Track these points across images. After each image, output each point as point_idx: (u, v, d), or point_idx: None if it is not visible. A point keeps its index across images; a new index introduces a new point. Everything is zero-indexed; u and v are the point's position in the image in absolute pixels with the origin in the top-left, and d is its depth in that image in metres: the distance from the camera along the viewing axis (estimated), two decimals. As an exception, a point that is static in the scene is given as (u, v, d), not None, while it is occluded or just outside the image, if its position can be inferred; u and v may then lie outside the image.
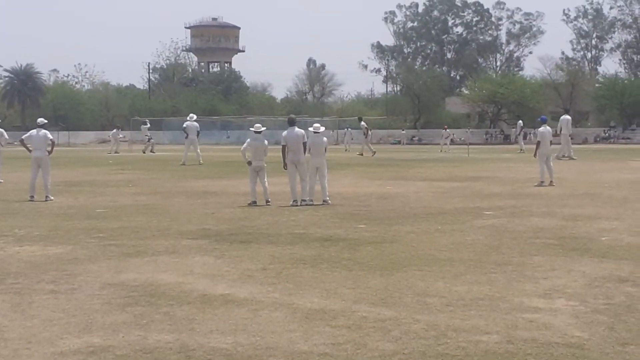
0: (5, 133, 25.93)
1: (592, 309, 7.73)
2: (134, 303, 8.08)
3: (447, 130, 57.31)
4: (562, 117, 36.90)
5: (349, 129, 62.35)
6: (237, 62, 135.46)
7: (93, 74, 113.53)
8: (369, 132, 46.69)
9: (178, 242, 12.21)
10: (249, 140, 18.08)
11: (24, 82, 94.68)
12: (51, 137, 19.55)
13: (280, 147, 17.90)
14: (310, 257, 10.67)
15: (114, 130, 53.95)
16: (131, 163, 36.62)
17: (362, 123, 45.00)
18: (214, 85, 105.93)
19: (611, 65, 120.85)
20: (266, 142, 18.03)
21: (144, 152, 49.04)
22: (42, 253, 11.29)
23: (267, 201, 17.48)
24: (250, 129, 18.55)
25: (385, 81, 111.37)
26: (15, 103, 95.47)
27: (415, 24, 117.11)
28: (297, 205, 17.16)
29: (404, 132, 79.09)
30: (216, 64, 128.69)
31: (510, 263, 10.14)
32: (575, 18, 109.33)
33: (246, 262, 10.35)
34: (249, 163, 17.76)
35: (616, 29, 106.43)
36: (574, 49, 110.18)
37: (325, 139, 18.30)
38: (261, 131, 18.00)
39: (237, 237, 12.70)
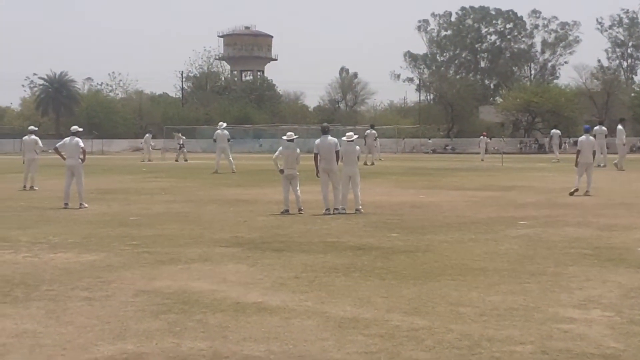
0: (40, 141, 26.13)
1: (628, 319, 7.65)
2: (168, 310, 8.10)
3: (485, 137, 56.69)
4: (596, 128, 36.60)
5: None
6: (270, 71, 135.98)
7: (127, 82, 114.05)
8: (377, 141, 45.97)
9: (211, 249, 12.24)
10: (281, 148, 18.11)
11: (59, 90, 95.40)
12: (82, 145, 19.69)
13: (313, 155, 17.93)
14: (343, 266, 10.65)
15: (146, 135, 54.07)
16: (164, 171, 36.81)
17: (373, 132, 44.18)
18: (247, 93, 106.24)
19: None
20: (298, 150, 18.04)
21: (177, 161, 49.24)
22: (76, 260, 11.36)
23: (300, 209, 17.49)
24: (283, 137, 18.59)
25: (418, 90, 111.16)
26: (49, 111, 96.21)
27: (449, 32, 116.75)
28: (329, 214, 17.15)
29: (430, 141, 79.04)
30: (249, 72, 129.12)
31: (544, 273, 10.05)
32: (610, 27, 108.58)
33: (279, 270, 10.35)
34: (281, 171, 17.79)
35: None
36: (609, 58, 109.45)
37: (357, 147, 18.29)
38: (293, 139, 18.02)
39: (270, 245, 12.71)
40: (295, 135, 18.44)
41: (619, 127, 35.31)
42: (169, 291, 9.04)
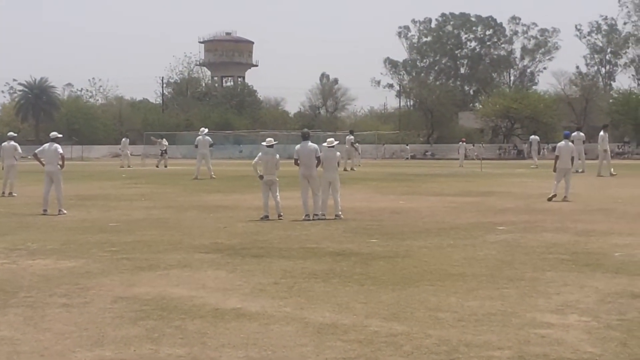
0: (19, 147, 26.01)
1: (605, 324, 7.70)
2: (146, 317, 8.09)
3: (464, 143, 56.96)
4: (574, 134, 36.81)
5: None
6: (251, 77, 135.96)
7: (107, 88, 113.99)
8: (357, 148, 46.00)
9: (190, 256, 12.23)
10: (260, 154, 18.12)
11: (38, 96, 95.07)
12: (61, 152, 19.61)
13: (293, 161, 17.97)
14: (322, 272, 10.67)
15: (123, 140, 53.32)
16: (144, 177, 36.71)
17: (351, 137, 44.14)
18: (227, 99, 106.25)
19: (625, 81, 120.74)
20: (277, 155, 18.06)
21: (157, 167, 48.98)
22: (55, 267, 11.32)
23: (280, 215, 17.50)
24: (262, 143, 18.61)
25: (398, 96, 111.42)
26: (29, 117, 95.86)
27: (429, 38, 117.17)
28: (309, 220, 17.17)
29: (408, 147, 79.30)
30: (229, 78, 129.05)
31: (522, 278, 10.11)
32: (589, 33, 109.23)
33: (258, 276, 10.35)
34: (261, 177, 17.80)
35: (630, 44, 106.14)
36: (587, 64, 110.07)
37: (338, 153, 18.32)
38: (272, 145, 18.04)
39: (250, 251, 12.71)
40: (274, 141, 18.47)
41: (601, 133, 35.36)
42: (148, 297, 9.03)
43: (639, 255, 12.06)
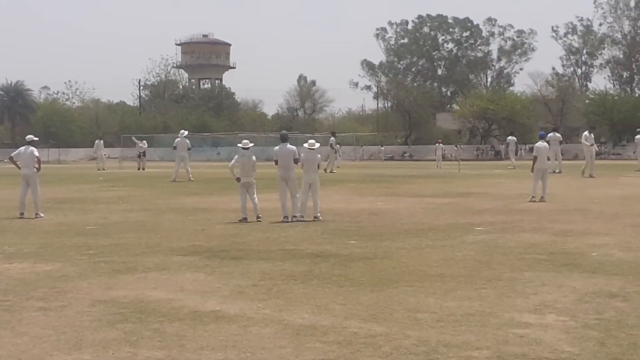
0: (-5, 150, 25.85)
1: (583, 324, 7.74)
2: (124, 320, 8.05)
3: (441, 144, 57.26)
4: (550, 134, 37.05)
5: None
6: (228, 79, 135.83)
7: (83, 90, 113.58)
8: (337, 149, 45.92)
9: (168, 258, 12.19)
10: (237, 156, 18.09)
11: (14, 99, 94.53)
12: (37, 154, 19.49)
13: (273, 162, 17.98)
14: (301, 273, 10.66)
15: (96, 142, 52.60)
16: (121, 180, 36.55)
17: (333, 139, 44.12)
18: (205, 101, 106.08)
19: (601, 81, 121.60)
20: (254, 157, 18.04)
21: (139, 169, 48.40)
22: (32, 270, 11.25)
23: (258, 217, 17.48)
24: (238, 145, 18.59)
25: (376, 97, 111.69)
26: (5, 120, 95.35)
27: (406, 40, 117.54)
28: (288, 222, 17.15)
29: (382, 147, 79.41)
30: (207, 80, 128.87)
31: (500, 278, 10.14)
32: (565, 34, 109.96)
33: (237, 279, 10.33)
34: (238, 179, 17.78)
35: (606, 45, 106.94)
36: (564, 65, 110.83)
37: (318, 155, 18.31)
38: (249, 147, 18.03)
39: (228, 253, 12.68)
40: (251, 143, 18.45)
41: (585, 133, 35.50)
42: (126, 300, 8.99)
43: (616, 255, 12.14)
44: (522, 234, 14.76)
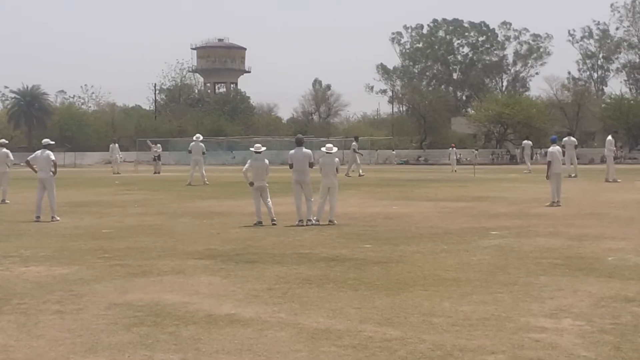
0: (11, 154, 25.93)
1: (599, 328, 7.71)
2: (140, 323, 8.08)
3: (455, 149, 57.16)
4: (565, 139, 37.01)
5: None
6: (243, 83, 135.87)
7: (99, 94, 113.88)
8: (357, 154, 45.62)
9: (184, 262, 12.22)
10: (250, 160, 18.13)
11: (31, 103, 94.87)
12: (53, 158, 19.59)
13: (288, 166, 18.01)
14: (316, 277, 10.67)
15: (111, 146, 52.73)
16: (137, 183, 36.65)
17: (355, 143, 43.92)
18: (220, 105, 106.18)
19: (617, 86, 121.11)
20: (267, 161, 18.08)
21: (156, 173, 48.31)
22: (48, 273, 11.30)
23: (273, 220, 17.49)
24: (251, 149, 18.63)
25: (391, 101, 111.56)
26: (22, 124, 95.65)
27: (421, 44, 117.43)
28: (303, 225, 17.17)
29: (394, 152, 79.16)
30: (222, 84, 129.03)
31: (516, 283, 10.12)
32: (581, 38, 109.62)
33: (252, 282, 10.35)
34: (251, 184, 17.81)
35: (622, 49, 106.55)
36: (580, 69, 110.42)
37: (337, 159, 18.28)
38: (261, 151, 18.06)
39: (243, 257, 12.70)
40: (263, 147, 18.47)
41: (609, 138, 35.33)
42: (141, 304, 9.01)
43: (632, 259, 12.09)
44: (537, 238, 14.72)
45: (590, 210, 20.33)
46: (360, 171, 41.81)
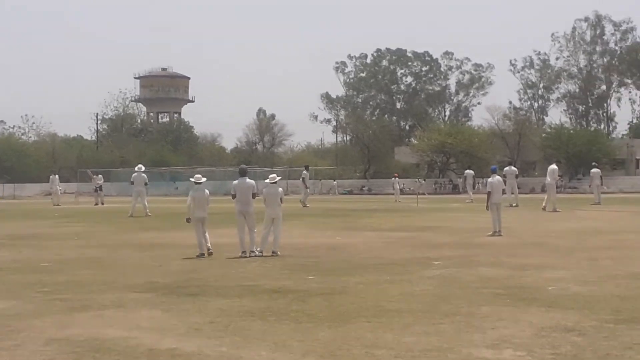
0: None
1: (539, 359, 7.77)
2: (79, 359, 7.94)
3: (397, 179, 57.54)
4: (506, 168, 37.52)
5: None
6: (187, 112, 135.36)
7: (40, 125, 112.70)
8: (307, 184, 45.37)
9: (125, 295, 12.05)
10: (191, 192, 17.99)
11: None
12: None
13: (231, 196, 17.94)
14: (259, 310, 10.60)
15: (51, 177, 51.84)
16: (78, 215, 36.19)
17: (306, 172, 43.71)
18: (163, 135, 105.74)
19: (557, 115, 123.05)
20: (207, 191, 18.01)
21: (97, 204, 47.81)
22: (-15, 308, 11.06)
23: (209, 250, 17.35)
24: (191, 179, 18.53)
25: (335, 131, 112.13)
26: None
27: (365, 74, 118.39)
28: (246, 257, 17.07)
29: (334, 182, 79.19)
30: (165, 114, 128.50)
31: (458, 313, 10.16)
32: (522, 68, 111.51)
33: (194, 316, 10.24)
34: (188, 220, 17.71)
35: (562, 79, 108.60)
36: (521, 99, 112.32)
37: (280, 189, 18.23)
38: (202, 182, 17.97)
39: (185, 290, 12.58)
40: (203, 177, 18.38)
41: (553, 167, 35.80)
42: (81, 339, 8.86)
43: (572, 288, 12.22)
44: (479, 268, 14.82)
45: (532, 239, 20.55)
46: (306, 202, 41.73)
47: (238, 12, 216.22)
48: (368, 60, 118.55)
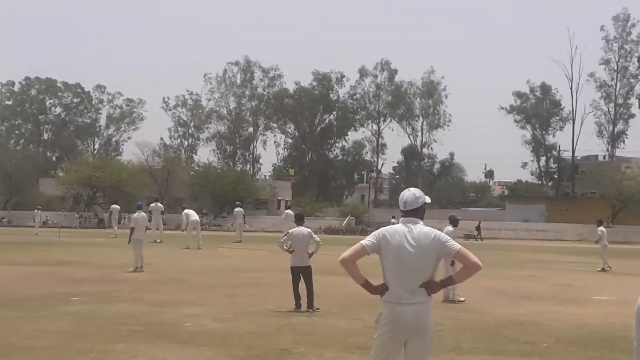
0: None
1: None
2: None
3: (39, 211, 55.69)
4: (152, 205, 37.71)
5: None
6: None
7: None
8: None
9: None
10: None
11: None
12: None
13: None
14: None
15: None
16: None
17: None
18: None
19: (206, 154, 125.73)
20: None
21: None
22: None
23: None
24: None
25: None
26: None
27: (11, 102, 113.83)
28: None
29: None
30: None
31: (93, 350, 9.93)
32: (175, 107, 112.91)
33: None
34: None
35: (212, 119, 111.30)
36: (171, 137, 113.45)
37: None
38: None
39: None
40: None
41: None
42: None
43: (208, 325, 12.42)
44: (119, 304, 14.64)
45: (174, 276, 20.67)
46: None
47: None
48: (16, 88, 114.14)
